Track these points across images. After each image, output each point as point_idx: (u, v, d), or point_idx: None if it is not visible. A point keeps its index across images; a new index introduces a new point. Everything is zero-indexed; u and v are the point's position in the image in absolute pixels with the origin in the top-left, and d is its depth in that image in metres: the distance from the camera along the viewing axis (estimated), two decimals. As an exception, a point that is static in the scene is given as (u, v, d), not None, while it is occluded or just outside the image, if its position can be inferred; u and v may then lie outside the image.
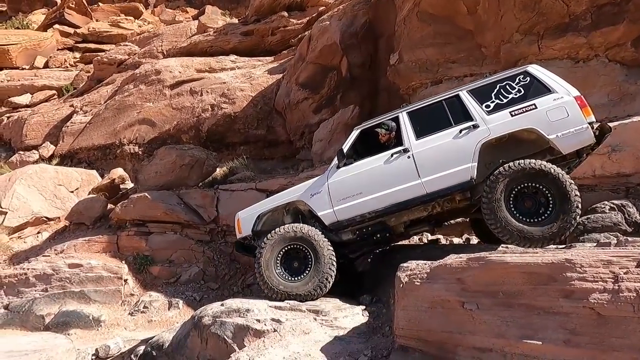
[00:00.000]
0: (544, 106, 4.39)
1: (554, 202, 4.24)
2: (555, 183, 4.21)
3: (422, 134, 4.75)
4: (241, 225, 5.36)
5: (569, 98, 4.37)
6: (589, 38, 6.11)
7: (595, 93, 6.12)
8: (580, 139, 4.33)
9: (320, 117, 9.75)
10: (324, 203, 4.93)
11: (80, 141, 12.32)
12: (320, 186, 5.00)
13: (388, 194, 4.72)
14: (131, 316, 6.92)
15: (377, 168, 4.81)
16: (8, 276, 7.40)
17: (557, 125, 4.32)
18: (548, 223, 4.20)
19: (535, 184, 4.29)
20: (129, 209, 8.32)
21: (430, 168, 4.61)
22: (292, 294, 4.75)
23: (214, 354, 4.30)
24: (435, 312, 3.21)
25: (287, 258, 4.96)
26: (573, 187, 4.22)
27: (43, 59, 18.13)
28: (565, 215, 4.18)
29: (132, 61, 15.13)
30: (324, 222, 4.91)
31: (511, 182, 4.32)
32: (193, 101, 11.55)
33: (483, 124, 4.52)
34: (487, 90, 4.67)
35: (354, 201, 4.82)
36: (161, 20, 22.39)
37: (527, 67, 4.68)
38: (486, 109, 4.57)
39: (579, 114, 4.32)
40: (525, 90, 4.52)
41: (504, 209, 4.33)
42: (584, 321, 2.61)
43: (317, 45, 10.08)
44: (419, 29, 7.51)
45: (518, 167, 4.30)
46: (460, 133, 4.56)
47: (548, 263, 2.85)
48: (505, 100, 4.55)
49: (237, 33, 14.10)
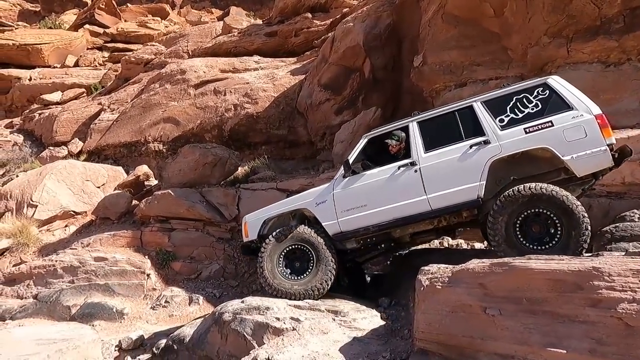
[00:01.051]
0: (561, 124, 4.15)
1: (561, 228, 4.03)
2: (562, 208, 4.01)
3: (432, 146, 4.61)
4: (248, 229, 5.41)
5: (588, 117, 4.11)
6: (621, 41, 5.94)
7: (627, 98, 5.95)
8: (597, 162, 4.10)
9: (342, 118, 9.77)
10: (329, 213, 4.91)
11: (107, 138, 12.66)
12: (326, 195, 4.97)
13: (393, 208, 4.63)
14: (153, 310, 7.08)
15: (383, 180, 4.72)
16: (37, 267, 7.66)
17: (573, 146, 4.09)
18: (556, 250, 3.94)
19: (542, 209, 4.09)
20: (152, 205, 8.50)
21: (436, 184, 4.49)
22: (290, 293, 4.79)
23: (233, 350, 4.36)
24: (457, 317, 3.19)
25: (290, 258, 5.02)
26: (581, 210, 4.00)
27: (73, 58, 18.71)
28: (574, 241, 3.97)
29: (159, 61, 15.47)
30: (328, 232, 4.90)
31: (517, 208, 4.13)
32: (217, 101, 11.73)
33: (495, 140, 4.33)
34: (502, 102, 4.46)
35: (358, 213, 4.77)
36: (187, 21, 22.82)
37: (547, 79, 4.44)
38: (500, 124, 4.37)
39: (598, 135, 4.06)
40: (543, 105, 4.29)
41: (510, 234, 4.16)
42: (611, 331, 2.55)
43: (340, 46, 10.10)
44: (444, 31, 7.44)
45: (525, 192, 4.10)
46: (470, 149, 4.40)
47: (575, 271, 2.79)
48: (521, 115, 4.34)
49: (261, 34, 14.25)
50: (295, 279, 4.90)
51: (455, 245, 6.93)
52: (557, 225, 4.06)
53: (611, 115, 5.96)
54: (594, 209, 5.56)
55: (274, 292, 4.86)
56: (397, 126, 4.97)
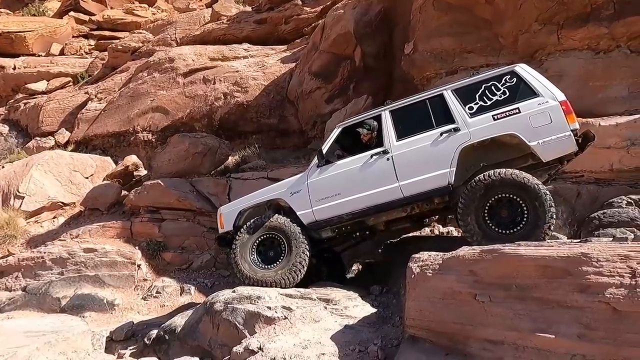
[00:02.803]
0: (527, 111, 4.28)
1: (528, 212, 4.14)
2: (528, 193, 4.12)
3: (404, 134, 4.70)
4: (223, 221, 5.43)
5: (554, 103, 4.24)
6: (610, 28, 5.94)
7: (616, 85, 5.97)
8: (562, 147, 4.24)
9: (333, 107, 9.69)
10: (303, 202, 4.96)
11: (94, 128, 12.46)
12: (300, 185, 5.03)
13: (365, 196, 4.70)
14: (144, 301, 7.05)
15: (356, 169, 4.79)
16: (26, 259, 7.57)
17: (539, 132, 4.22)
18: (521, 235, 4.06)
19: (510, 194, 4.19)
20: (142, 195, 8.42)
21: (408, 171, 4.57)
22: (262, 281, 4.84)
23: (225, 339, 4.36)
24: (447, 304, 3.20)
25: (264, 247, 5.06)
26: (546, 194, 4.11)
27: (59, 46, 18.27)
28: (540, 225, 4.08)
29: (146, 49, 15.17)
30: (302, 221, 4.95)
31: (485, 194, 4.24)
32: (206, 89, 11.57)
33: (464, 128, 4.43)
34: (472, 90, 4.56)
35: (331, 202, 4.83)
36: (175, 8, 22.37)
37: (514, 67, 4.55)
38: (469, 111, 4.48)
39: (563, 121, 4.20)
40: (511, 92, 4.41)
41: (480, 219, 4.27)
42: (599, 316, 2.58)
43: (330, 34, 9.99)
44: (436, 17, 7.38)
45: (493, 177, 4.21)
46: (440, 136, 4.49)
47: (564, 257, 2.81)
48: (489, 102, 4.45)
49: (251, 21, 14.02)
50: (267, 267, 4.94)
51: (446, 233, 6.97)
52: (523, 210, 4.17)
53: (601, 103, 6.02)
54: (582, 196, 5.62)
55: (245, 280, 4.92)
56: (370, 115, 5.03)
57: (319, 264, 5.76)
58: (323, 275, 5.77)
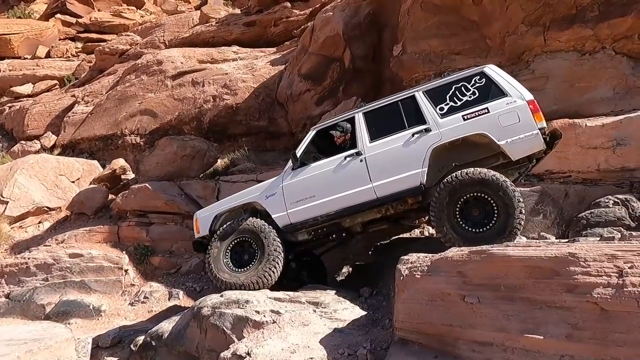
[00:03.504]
0: (496, 110, 4.34)
1: (498, 211, 4.18)
2: (497, 191, 4.16)
3: (377, 136, 4.74)
4: (199, 225, 5.42)
5: (521, 102, 4.32)
6: (595, 30, 6.00)
7: (601, 86, 6.02)
8: (530, 145, 4.30)
9: (323, 109, 9.66)
10: (278, 205, 4.97)
11: (81, 131, 12.28)
12: (275, 188, 5.04)
13: (339, 197, 4.73)
14: (131, 306, 6.93)
15: (330, 171, 4.81)
16: (9, 265, 7.42)
17: (507, 131, 4.28)
18: (492, 233, 4.12)
19: (480, 193, 4.24)
20: (130, 199, 8.30)
21: (381, 172, 4.60)
22: (236, 284, 4.82)
23: (213, 344, 4.29)
24: (436, 305, 3.19)
25: (238, 251, 5.04)
26: (515, 192, 4.15)
27: (45, 49, 18.04)
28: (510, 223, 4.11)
29: (134, 51, 15.03)
30: (278, 224, 4.95)
31: (456, 193, 4.28)
32: (195, 92, 11.48)
33: (435, 128, 4.48)
34: (442, 91, 4.63)
35: (306, 204, 4.85)
36: (163, 10, 22.24)
37: (483, 68, 4.63)
38: (440, 112, 4.54)
39: (530, 120, 4.27)
40: (480, 93, 4.48)
41: (451, 218, 4.31)
42: (587, 316, 2.58)
43: (319, 36, 9.97)
44: (424, 19, 7.40)
45: (461, 177, 4.26)
46: (412, 137, 4.54)
47: (551, 257, 2.81)
48: (459, 102, 4.51)
49: (240, 24, 13.96)
50: (240, 270, 4.92)
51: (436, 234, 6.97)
52: (493, 208, 4.20)
53: (587, 104, 6.07)
54: (570, 196, 5.65)
55: (218, 283, 4.92)
56: (344, 118, 5.07)
57: (299, 267, 5.74)
58: (303, 279, 5.72)
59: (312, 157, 5.07)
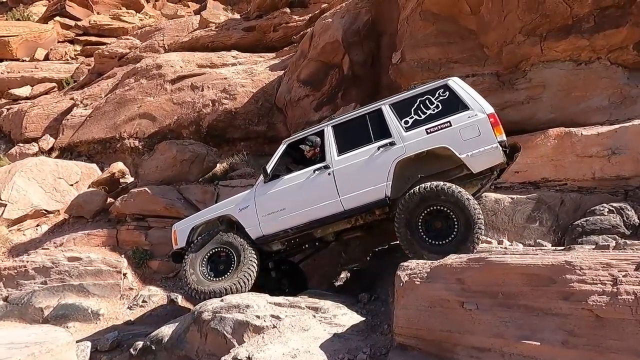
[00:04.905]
0: (457, 124, 4.44)
1: (458, 223, 4.27)
2: (456, 204, 4.26)
3: (344, 149, 4.83)
4: (177, 237, 5.53)
5: (482, 116, 4.41)
6: (591, 40, 6.11)
7: (597, 95, 6.12)
8: (490, 158, 4.40)
9: (321, 114, 9.73)
10: (250, 218, 5.08)
11: (80, 134, 12.29)
12: (248, 201, 5.15)
13: (308, 210, 4.83)
14: (130, 310, 6.95)
15: (300, 184, 4.91)
16: (7, 268, 7.41)
17: (468, 144, 4.38)
18: (452, 245, 4.20)
19: (440, 206, 4.33)
20: (128, 203, 8.32)
21: (348, 185, 4.70)
22: (209, 293, 4.92)
23: (213, 349, 4.33)
24: (435, 312, 3.24)
25: (213, 261, 5.16)
26: (473, 204, 4.24)
27: (43, 51, 18.05)
28: (470, 235, 4.19)
29: (133, 55, 15.08)
30: (251, 236, 5.06)
31: (417, 206, 4.38)
32: (194, 96, 11.53)
33: (400, 142, 4.58)
34: (408, 104, 4.72)
35: (277, 217, 4.96)
36: (163, 15, 22.30)
37: (447, 81, 4.72)
38: (404, 125, 4.64)
39: (490, 133, 4.36)
40: (443, 106, 4.57)
41: (413, 230, 4.40)
42: (582, 323, 2.64)
43: (319, 42, 10.06)
44: (422, 27, 7.49)
45: (421, 191, 4.36)
46: (377, 150, 4.64)
47: (548, 265, 2.87)
48: (423, 116, 4.61)
49: (239, 29, 14.04)
50: (215, 280, 5.02)
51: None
52: (454, 221, 4.29)
53: (582, 113, 6.17)
54: (566, 204, 5.73)
55: (192, 292, 5.02)
56: (314, 131, 5.18)
57: (279, 276, 5.82)
58: (285, 288, 5.82)
59: (286, 168, 5.18)
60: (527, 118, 6.38)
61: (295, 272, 6.27)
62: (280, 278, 5.89)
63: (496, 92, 6.59)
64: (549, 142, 5.94)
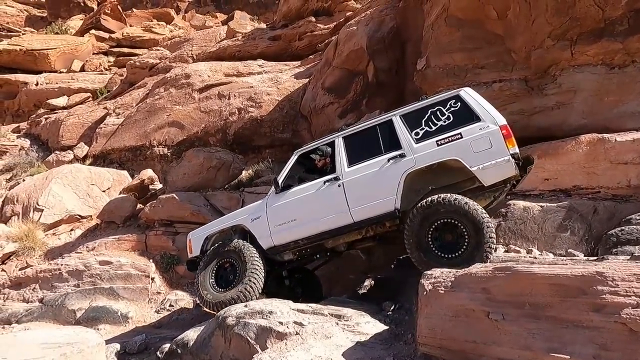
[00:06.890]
0: (469, 136, 4.34)
1: (468, 236, 4.16)
2: (466, 217, 4.15)
3: (355, 160, 4.78)
4: (192, 246, 5.59)
5: (494, 128, 4.30)
6: (625, 43, 5.90)
7: (632, 101, 5.89)
8: (501, 171, 4.28)
9: (346, 121, 9.74)
10: (262, 228, 5.09)
11: (112, 142, 12.75)
12: (260, 211, 5.17)
13: (318, 222, 4.80)
14: (157, 314, 7.10)
15: (310, 195, 4.89)
16: (43, 271, 7.72)
17: (479, 157, 4.28)
18: (463, 259, 4.09)
19: (450, 219, 4.23)
20: (157, 209, 8.55)
21: (358, 197, 4.65)
22: (219, 303, 4.96)
23: (237, 354, 4.36)
24: (460, 321, 3.17)
25: (225, 271, 5.20)
26: (484, 217, 4.13)
27: (79, 63, 18.88)
28: (481, 248, 4.09)
29: (163, 65, 15.57)
30: (262, 246, 5.07)
31: (428, 218, 4.29)
32: (221, 105, 11.78)
33: (410, 154, 4.51)
34: (418, 115, 4.64)
35: (288, 228, 4.94)
36: (191, 26, 22.96)
37: (459, 92, 4.61)
38: (415, 137, 4.56)
39: (502, 146, 4.25)
40: (454, 117, 4.47)
41: (423, 243, 4.32)
42: (615, 337, 2.53)
43: (343, 50, 10.11)
44: (447, 33, 7.42)
45: (432, 203, 4.27)
46: (388, 162, 4.57)
47: (578, 275, 2.78)
48: (434, 127, 4.53)
49: (265, 38, 14.30)
50: (223, 290, 5.05)
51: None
52: (464, 234, 4.19)
53: (616, 118, 5.96)
54: (599, 212, 5.52)
55: (204, 304, 5.07)
56: (325, 141, 5.14)
57: (292, 285, 5.82)
58: (298, 296, 5.78)
59: (299, 178, 5.17)
60: (557, 124, 6.21)
61: (309, 280, 6.25)
62: (294, 286, 5.90)
63: (524, 97, 6.45)
64: (580, 149, 5.75)
